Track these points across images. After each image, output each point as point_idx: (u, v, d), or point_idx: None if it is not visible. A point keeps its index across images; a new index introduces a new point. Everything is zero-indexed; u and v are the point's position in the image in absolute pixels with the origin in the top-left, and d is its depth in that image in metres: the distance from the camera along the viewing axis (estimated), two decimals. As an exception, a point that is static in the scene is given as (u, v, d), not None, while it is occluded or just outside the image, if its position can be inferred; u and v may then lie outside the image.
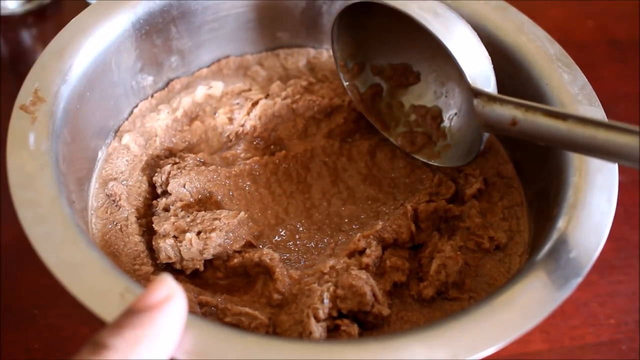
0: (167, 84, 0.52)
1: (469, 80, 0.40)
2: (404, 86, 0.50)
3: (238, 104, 0.50)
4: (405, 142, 0.49)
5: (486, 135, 0.43)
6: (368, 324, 0.40)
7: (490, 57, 0.42)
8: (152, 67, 0.50)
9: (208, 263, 0.42)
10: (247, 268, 0.42)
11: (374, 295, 0.39)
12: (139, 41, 0.47)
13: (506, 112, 0.39)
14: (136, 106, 0.50)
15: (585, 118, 0.36)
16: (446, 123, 0.48)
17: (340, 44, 0.49)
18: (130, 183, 0.45)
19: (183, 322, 0.30)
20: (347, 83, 0.50)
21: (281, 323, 0.38)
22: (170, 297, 0.29)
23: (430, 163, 0.48)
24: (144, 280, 0.40)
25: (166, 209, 0.44)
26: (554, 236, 0.37)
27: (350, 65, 0.50)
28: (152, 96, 0.51)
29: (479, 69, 0.41)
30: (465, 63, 0.40)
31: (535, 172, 0.45)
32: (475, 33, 0.42)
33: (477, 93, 0.40)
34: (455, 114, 0.48)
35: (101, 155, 0.46)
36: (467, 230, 0.44)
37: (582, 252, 0.36)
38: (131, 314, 0.28)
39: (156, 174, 0.46)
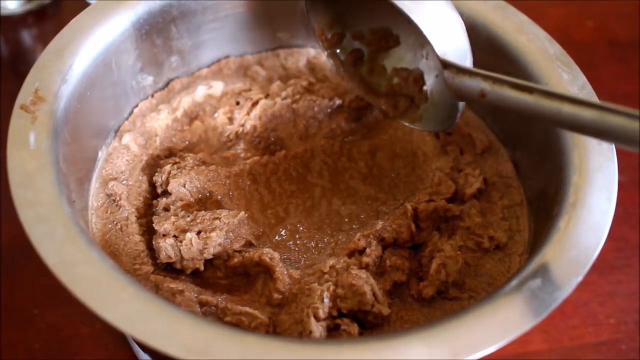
0: (167, 84, 0.52)
1: (438, 52, 0.40)
2: (385, 50, 0.50)
3: (238, 103, 0.50)
4: (388, 106, 0.49)
5: (462, 103, 0.43)
6: (368, 324, 0.40)
7: (465, 27, 0.42)
8: (152, 67, 0.50)
9: (208, 262, 0.42)
10: (247, 267, 0.42)
11: (374, 294, 0.39)
12: (139, 41, 0.47)
13: (475, 84, 0.39)
14: (136, 106, 0.50)
15: (550, 92, 0.36)
16: (428, 86, 0.48)
17: (316, 15, 0.48)
18: (131, 183, 0.45)
19: None
20: (328, 52, 0.50)
21: (281, 322, 0.38)
22: None
23: (413, 127, 0.48)
24: (144, 280, 0.40)
25: (166, 209, 0.44)
26: (554, 235, 0.37)
27: (329, 35, 0.50)
28: (152, 96, 0.51)
29: (449, 40, 0.41)
30: (434, 35, 0.41)
31: (534, 172, 0.45)
32: (451, 3, 0.42)
33: (446, 65, 0.40)
34: (436, 76, 0.48)
35: (101, 155, 0.46)
36: (467, 230, 0.44)
37: (581, 252, 0.36)
38: None
39: (156, 174, 0.46)
